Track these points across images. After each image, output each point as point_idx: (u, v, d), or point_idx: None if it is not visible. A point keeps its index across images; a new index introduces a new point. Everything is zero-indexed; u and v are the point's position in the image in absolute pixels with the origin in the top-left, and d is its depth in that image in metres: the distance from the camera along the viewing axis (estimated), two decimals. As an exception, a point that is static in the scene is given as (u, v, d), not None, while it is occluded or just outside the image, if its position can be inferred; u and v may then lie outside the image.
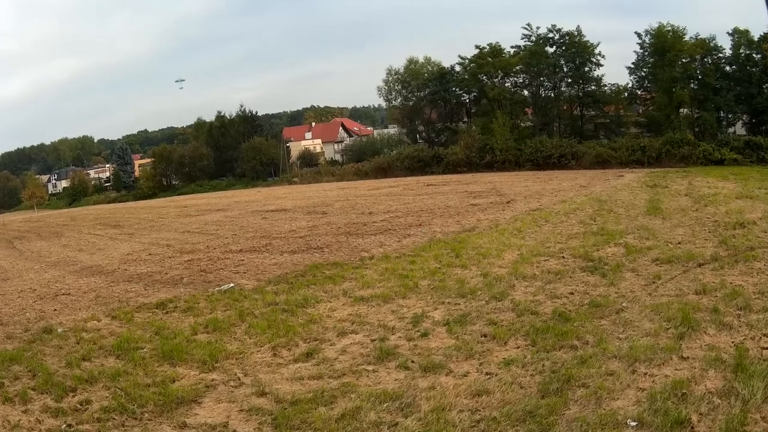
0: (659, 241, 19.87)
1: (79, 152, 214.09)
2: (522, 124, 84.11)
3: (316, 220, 35.29)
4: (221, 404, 10.03)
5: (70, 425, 10.26)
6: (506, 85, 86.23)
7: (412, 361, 10.80)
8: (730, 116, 76.31)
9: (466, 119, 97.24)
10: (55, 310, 19.48)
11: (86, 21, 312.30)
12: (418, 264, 19.00)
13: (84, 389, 11.84)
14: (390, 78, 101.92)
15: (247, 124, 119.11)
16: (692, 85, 74.16)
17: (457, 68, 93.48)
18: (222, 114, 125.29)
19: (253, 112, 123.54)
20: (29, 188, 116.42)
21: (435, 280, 16.67)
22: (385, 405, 9.12)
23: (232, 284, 19.83)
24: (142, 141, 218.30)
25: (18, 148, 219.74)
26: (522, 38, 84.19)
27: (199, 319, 15.92)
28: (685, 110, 76.16)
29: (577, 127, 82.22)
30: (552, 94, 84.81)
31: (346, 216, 35.57)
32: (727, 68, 74.26)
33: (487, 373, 9.97)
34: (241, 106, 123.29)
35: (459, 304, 14.21)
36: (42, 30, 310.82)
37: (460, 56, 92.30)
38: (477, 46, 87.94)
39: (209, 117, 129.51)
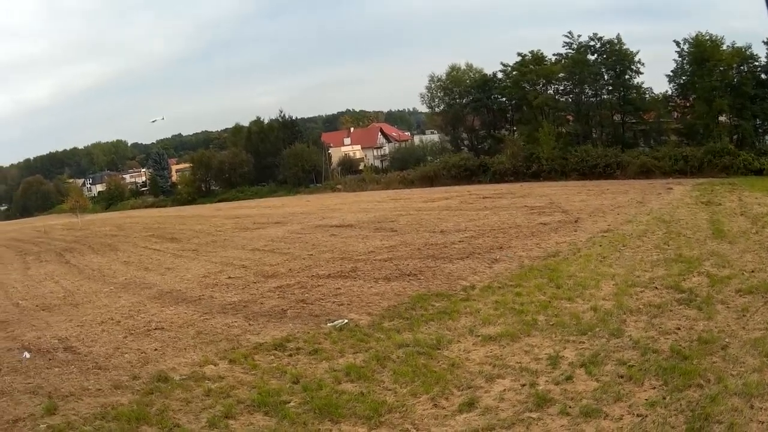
0: (735, 269, 19.95)
1: (113, 156, 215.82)
2: (564, 130, 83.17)
3: (388, 239, 34.49)
4: None
5: None
6: (549, 92, 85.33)
7: (570, 407, 10.83)
8: (766, 124, 75.57)
9: (508, 127, 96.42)
10: (155, 350, 18.55)
11: (115, 23, 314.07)
12: (525, 296, 18.69)
13: None
14: (432, 85, 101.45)
15: (287, 129, 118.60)
16: (730, 94, 73.18)
17: (499, 75, 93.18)
18: (260, 119, 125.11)
19: (293, 118, 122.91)
20: (72, 196, 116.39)
21: (549, 315, 16.55)
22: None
23: (345, 320, 18.94)
24: (176, 145, 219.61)
25: (50, 152, 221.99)
26: (563, 46, 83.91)
27: (332, 364, 15.20)
28: (724, 118, 75.53)
29: (618, 134, 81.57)
30: (594, 101, 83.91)
31: (419, 235, 34.76)
32: (763, 76, 73.42)
33: (638, 415, 10.22)
34: (281, 112, 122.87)
35: (584, 342, 14.20)
36: (71, 33, 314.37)
37: (502, 63, 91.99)
38: (519, 54, 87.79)
39: (243, 120, 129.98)
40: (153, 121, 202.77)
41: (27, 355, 19.69)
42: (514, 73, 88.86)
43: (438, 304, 19.20)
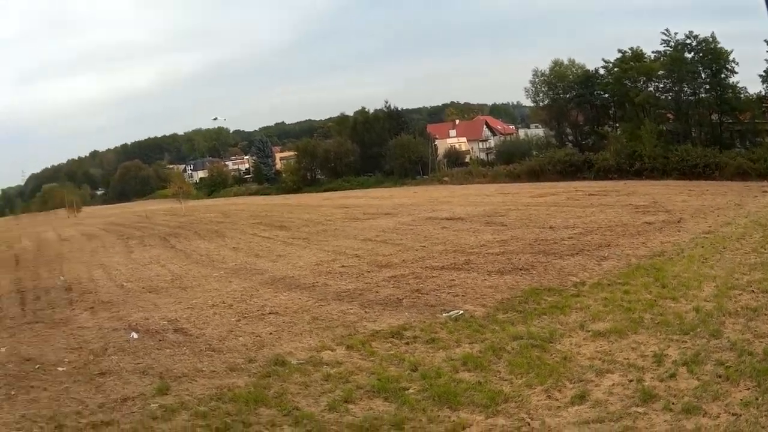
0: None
1: (215, 143, 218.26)
2: (664, 128, 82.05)
3: (499, 233, 34.89)
4: None
5: None
6: (649, 89, 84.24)
7: (673, 404, 11.40)
8: None
9: (610, 123, 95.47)
10: (270, 334, 19.27)
11: (218, 13, 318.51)
12: (633, 294, 19.29)
13: None
14: (536, 79, 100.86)
15: (392, 120, 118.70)
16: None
17: (601, 71, 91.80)
18: (366, 109, 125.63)
19: (398, 108, 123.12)
20: (175, 182, 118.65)
21: (655, 313, 17.09)
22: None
23: (461, 311, 19.46)
24: (279, 133, 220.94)
25: (149, 138, 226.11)
26: (661, 43, 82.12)
27: (449, 353, 15.81)
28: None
29: (716, 134, 79.65)
30: (692, 100, 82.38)
31: (529, 230, 35.18)
32: None
33: (733, 414, 10.70)
34: (386, 102, 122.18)
35: (686, 342, 14.72)
36: (173, 22, 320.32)
37: (603, 60, 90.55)
38: (619, 50, 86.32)
39: (346, 110, 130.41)
40: (214, 119, 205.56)
41: (134, 335, 20.60)
42: (615, 69, 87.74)
43: (550, 298, 19.95)
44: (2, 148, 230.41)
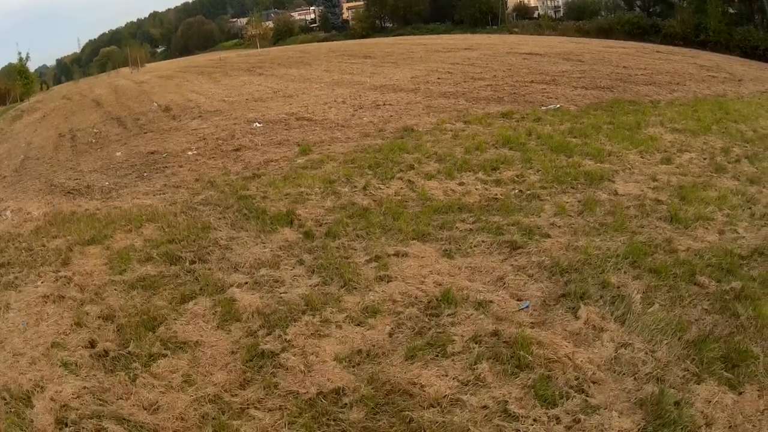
0: None
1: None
2: (730, 10, 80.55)
3: (578, 66, 35.56)
4: (629, 183, 13.32)
5: (520, 191, 12.78)
6: None
7: (738, 176, 14.01)
8: None
9: None
10: (391, 116, 21.33)
11: None
12: (701, 113, 20.71)
13: (505, 168, 14.21)
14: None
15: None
16: None
17: None
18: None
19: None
20: (254, 26, 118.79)
21: (720, 127, 18.84)
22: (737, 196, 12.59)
23: (558, 105, 21.49)
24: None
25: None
26: None
27: (555, 128, 18.06)
28: None
29: None
30: None
31: (604, 66, 35.44)
32: None
33: None
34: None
35: (746, 146, 16.71)
36: None
37: None
38: None
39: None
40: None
41: (258, 124, 22.38)
42: None
43: (631, 107, 21.65)
44: (56, 19, 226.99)
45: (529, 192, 12.57)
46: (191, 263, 10.36)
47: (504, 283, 8.99)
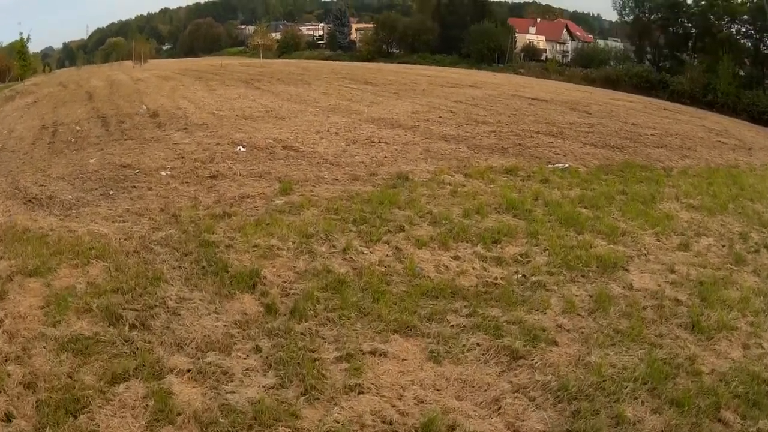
0: None
1: (291, 8, 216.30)
2: (741, 72, 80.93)
3: (585, 118, 34.29)
4: (645, 274, 11.93)
5: (524, 276, 11.24)
6: (731, 30, 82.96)
7: (760, 270, 12.90)
8: None
9: (689, 53, 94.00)
10: (385, 156, 19.78)
11: None
12: (715, 187, 19.83)
13: (507, 242, 12.70)
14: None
15: (476, 6, 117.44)
16: None
17: (689, 1, 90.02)
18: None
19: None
20: (258, 35, 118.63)
21: (737, 206, 17.76)
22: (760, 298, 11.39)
23: (567, 164, 20.15)
24: (357, 5, 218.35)
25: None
26: None
27: (564, 192, 16.73)
28: None
29: None
30: None
31: (612, 122, 34.21)
32: None
33: None
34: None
35: (764, 231, 15.66)
36: None
37: None
38: None
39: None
40: None
41: (241, 148, 20.82)
42: (702, 2, 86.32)
43: (644, 173, 20.48)
44: (68, 3, 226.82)
45: (534, 278, 10.95)
46: (131, 328, 8.71)
47: (500, 408, 7.40)
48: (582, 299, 10.43)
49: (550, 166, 19.74)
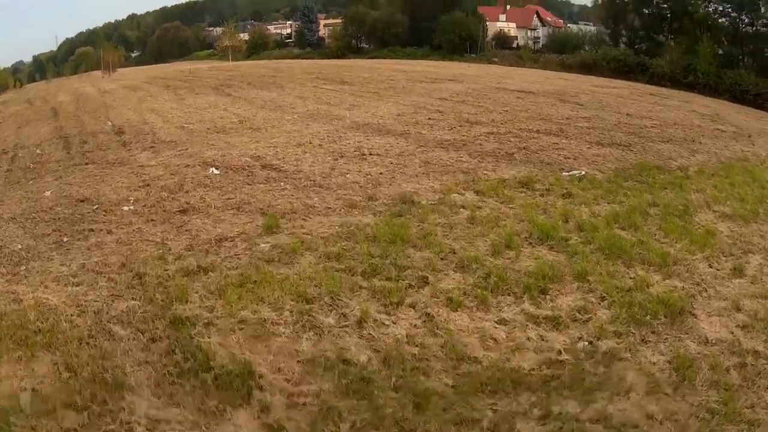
0: None
1: (258, 7, 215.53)
2: (720, 51, 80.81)
3: (579, 111, 32.57)
4: (713, 318, 10.08)
5: (590, 343, 8.96)
6: (709, 9, 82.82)
7: None
8: None
9: (665, 34, 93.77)
10: (381, 173, 17.46)
11: None
12: (738, 188, 18.37)
13: (556, 291, 10.38)
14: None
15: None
16: None
17: None
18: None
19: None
20: (227, 37, 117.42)
21: (766, 210, 16.29)
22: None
23: (582, 171, 18.25)
24: (325, 1, 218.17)
25: (189, 1, 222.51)
26: None
27: (592, 209, 14.79)
28: None
29: (766, 66, 78.49)
30: (750, 31, 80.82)
31: (607, 114, 32.57)
32: None
33: None
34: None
35: None
36: None
37: None
38: None
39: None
40: None
41: (215, 171, 18.42)
42: None
43: (661, 175, 18.85)
44: (36, 14, 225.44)
45: (602, 345, 8.66)
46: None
47: None
48: (661, 369, 8.36)
49: (564, 174, 17.76)
